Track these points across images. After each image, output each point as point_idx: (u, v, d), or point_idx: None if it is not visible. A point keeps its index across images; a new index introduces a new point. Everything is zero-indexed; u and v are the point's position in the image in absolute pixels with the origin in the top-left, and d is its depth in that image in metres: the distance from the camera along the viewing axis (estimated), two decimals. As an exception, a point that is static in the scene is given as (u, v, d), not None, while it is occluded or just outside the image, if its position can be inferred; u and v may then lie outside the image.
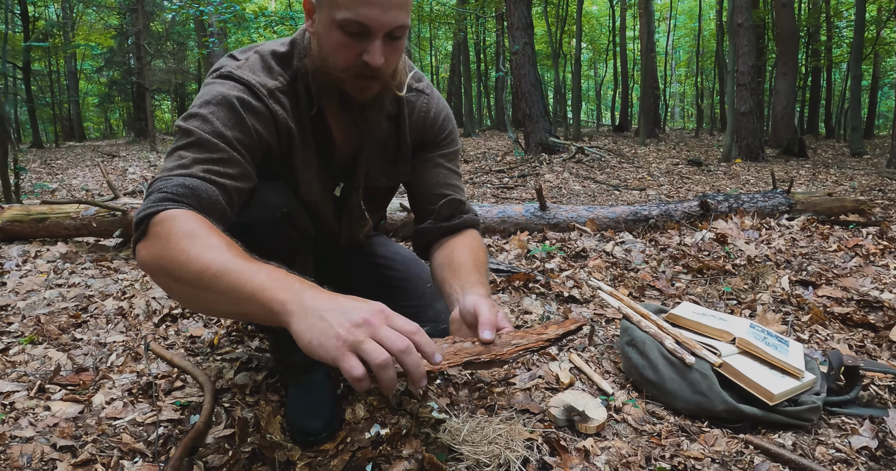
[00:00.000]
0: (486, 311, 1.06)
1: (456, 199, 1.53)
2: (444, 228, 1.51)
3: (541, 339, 1.04)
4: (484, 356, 0.99)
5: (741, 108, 10.78)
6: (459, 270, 1.33)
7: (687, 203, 3.84)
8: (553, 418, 1.56)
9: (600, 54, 29.74)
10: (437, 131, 1.56)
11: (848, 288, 2.85)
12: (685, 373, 1.65)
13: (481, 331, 1.03)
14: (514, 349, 1.02)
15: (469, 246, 1.45)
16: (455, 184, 1.55)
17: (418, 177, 1.56)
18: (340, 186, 1.53)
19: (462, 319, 1.14)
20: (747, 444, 1.53)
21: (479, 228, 1.59)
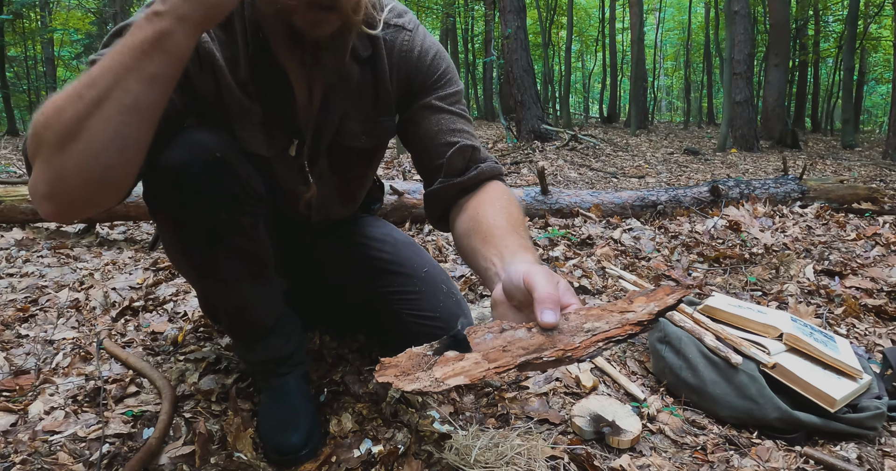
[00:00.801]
0: (543, 282, 0.75)
1: (467, 145, 1.19)
2: (460, 185, 1.19)
3: (628, 321, 0.73)
4: (548, 352, 0.69)
5: (737, 97, 10.61)
6: (492, 235, 1.02)
7: (696, 189, 3.61)
8: (578, 429, 1.31)
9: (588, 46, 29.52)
10: (428, 72, 1.22)
11: (876, 279, 2.64)
12: (730, 375, 1.41)
13: (540, 311, 0.72)
14: (590, 339, 0.70)
15: (497, 201, 1.14)
16: (463, 129, 1.23)
17: (417, 130, 1.25)
18: (295, 144, 1.23)
19: (507, 300, 0.83)
20: (806, 458, 1.29)
21: (503, 179, 1.27)
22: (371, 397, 1.46)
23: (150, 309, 2.13)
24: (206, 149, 1.04)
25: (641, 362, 1.69)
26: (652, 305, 0.79)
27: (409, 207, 2.82)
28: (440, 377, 0.65)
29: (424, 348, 0.72)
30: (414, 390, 0.64)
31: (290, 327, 1.40)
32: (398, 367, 0.68)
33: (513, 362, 0.68)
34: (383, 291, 1.47)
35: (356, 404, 1.43)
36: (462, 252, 1.13)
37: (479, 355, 0.70)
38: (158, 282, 2.40)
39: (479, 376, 0.66)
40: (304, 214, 1.41)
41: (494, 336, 0.74)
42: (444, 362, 0.68)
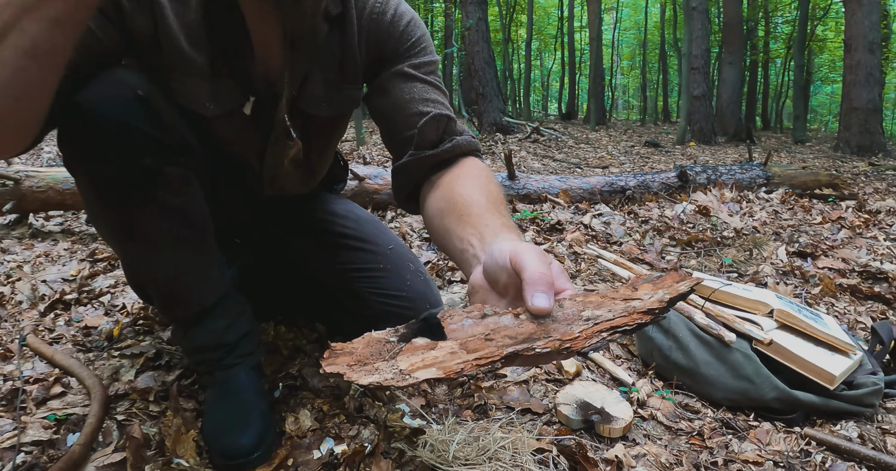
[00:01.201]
0: (534, 261, 0.63)
1: (442, 114, 1.08)
2: (433, 158, 1.06)
3: (635, 310, 0.60)
4: (542, 343, 0.55)
5: (695, 91, 10.77)
6: (469, 213, 0.89)
7: (664, 174, 3.56)
8: (565, 418, 1.18)
9: (547, 44, 29.75)
10: (400, 39, 1.12)
11: (847, 259, 2.62)
12: (724, 355, 1.31)
13: (530, 294, 0.60)
14: (591, 329, 0.57)
15: (474, 178, 1.01)
16: (438, 99, 1.10)
17: (386, 98, 1.12)
18: (251, 101, 1.07)
19: (489, 284, 0.70)
20: (808, 439, 1.20)
21: (480, 156, 1.14)
22: (332, 392, 1.30)
23: (84, 302, 1.92)
24: (126, 86, 0.90)
25: (625, 346, 1.58)
26: (661, 293, 0.66)
27: (371, 192, 2.67)
28: (406, 369, 0.51)
29: (387, 333, 0.57)
30: (371, 383, 0.49)
31: (236, 310, 1.22)
32: (353, 355, 0.53)
33: (498, 352, 0.54)
34: (345, 269, 1.32)
35: (315, 399, 1.28)
36: (434, 234, 0.98)
37: (456, 343, 0.55)
38: (96, 274, 2.18)
39: (456, 369, 0.51)
40: (255, 186, 1.25)
41: (474, 322, 0.60)
42: (411, 351, 0.54)
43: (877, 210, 3.65)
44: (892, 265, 2.57)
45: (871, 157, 8.51)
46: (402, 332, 0.58)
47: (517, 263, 0.64)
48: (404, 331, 0.58)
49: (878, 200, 3.99)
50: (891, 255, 2.79)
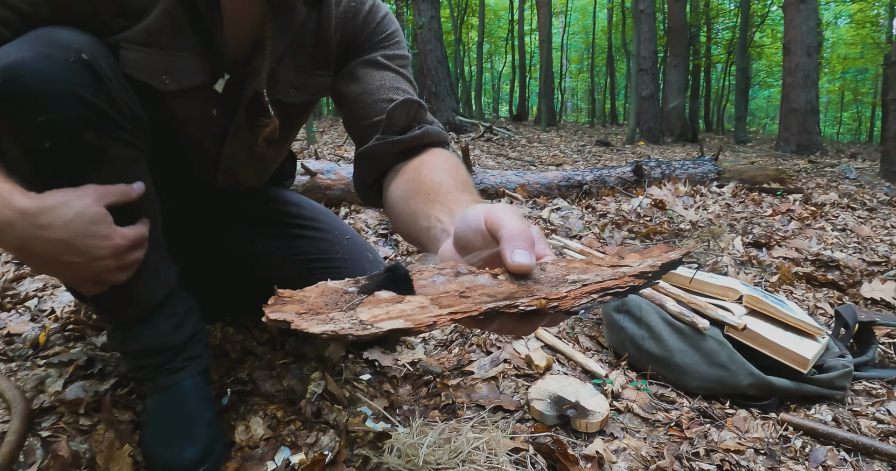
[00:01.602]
0: (513, 219, 0.56)
1: (412, 100, 1.02)
2: (401, 144, 0.97)
3: (625, 274, 0.55)
4: (525, 301, 0.49)
5: (643, 92, 11.02)
6: (437, 192, 0.82)
7: (620, 169, 3.57)
8: (539, 415, 1.11)
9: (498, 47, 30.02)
10: (376, 30, 1.07)
11: (800, 249, 2.67)
12: (698, 342, 1.27)
13: (510, 251, 0.53)
14: (580, 290, 0.52)
15: (443, 163, 0.93)
16: (408, 91, 1.04)
17: (355, 84, 1.04)
18: (225, 79, 0.97)
19: (461, 252, 0.63)
20: (785, 425, 1.17)
21: (449, 148, 1.06)
22: (286, 396, 1.20)
23: (7, 307, 1.73)
24: (67, 48, 0.78)
25: (593, 337, 1.53)
26: (651, 260, 0.60)
27: (323, 188, 2.55)
28: (367, 320, 0.43)
29: (345, 283, 0.49)
30: (325, 333, 0.41)
31: (184, 309, 1.11)
32: (304, 303, 0.45)
33: (475, 308, 0.47)
34: (302, 259, 1.23)
35: (268, 405, 1.17)
36: (398, 219, 0.90)
37: (427, 298, 0.48)
38: (21, 277, 1.99)
39: (427, 321, 0.44)
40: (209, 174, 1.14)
41: (447, 280, 0.52)
42: (373, 303, 0.46)
43: (822, 203, 3.77)
44: (842, 254, 2.64)
45: (810, 155, 8.88)
46: (364, 283, 0.50)
47: (493, 222, 0.57)
48: (366, 283, 0.50)
49: (821, 194, 4.13)
50: (839, 244, 2.86)
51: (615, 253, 0.64)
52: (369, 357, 1.35)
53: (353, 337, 0.41)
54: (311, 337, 0.41)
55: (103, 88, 0.82)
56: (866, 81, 27.15)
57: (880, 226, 3.29)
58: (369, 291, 0.48)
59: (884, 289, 2.16)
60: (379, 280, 0.50)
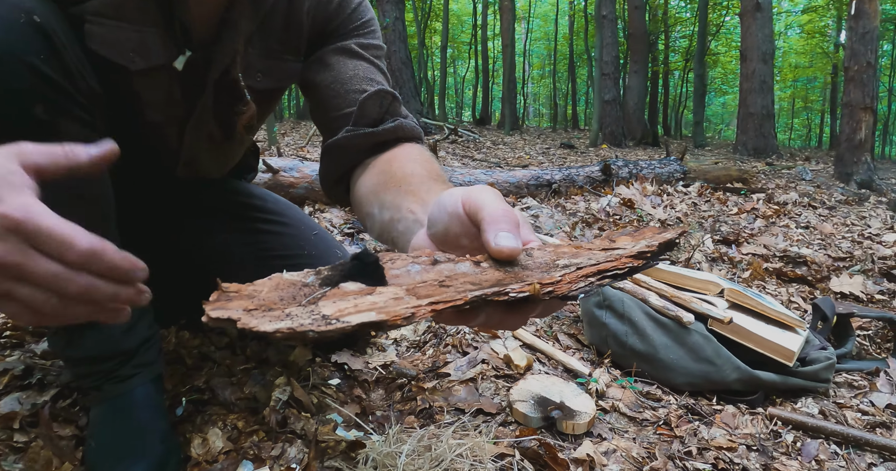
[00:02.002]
0: (494, 200, 0.49)
1: (386, 91, 0.94)
2: (373, 137, 0.89)
3: (620, 255, 0.48)
4: (515, 286, 0.42)
5: (605, 96, 11.17)
6: (409, 183, 0.75)
7: (588, 168, 3.56)
8: (522, 417, 1.05)
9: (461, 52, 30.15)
10: (350, 17, 0.99)
11: (767, 246, 2.69)
12: (683, 337, 1.22)
13: (492, 234, 0.46)
14: (575, 273, 0.45)
15: (416, 156, 0.86)
16: (382, 82, 0.96)
17: (326, 73, 0.96)
18: (186, 56, 0.87)
19: (437, 242, 0.55)
20: (774, 419, 1.14)
21: (423, 144, 0.97)
22: (248, 404, 1.10)
23: (-67, 318, 1.58)
24: (15, 6, 0.68)
25: (572, 335, 1.48)
26: (645, 242, 0.54)
27: (286, 186, 2.44)
28: (332, 314, 0.35)
29: (303, 275, 0.41)
30: (279, 331, 0.32)
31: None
32: (254, 298, 0.37)
33: (459, 297, 0.40)
34: (265, 255, 1.14)
35: (228, 415, 1.07)
36: (366, 215, 0.81)
37: (402, 289, 0.41)
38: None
39: (404, 313, 0.36)
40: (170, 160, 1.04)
41: (424, 269, 0.46)
42: (338, 296, 0.38)
43: (784, 202, 3.84)
44: (808, 250, 2.66)
45: (766, 158, 9.13)
46: (327, 274, 0.42)
47: (472, 205, 0.49)
48: (329, 273, 0.42)
49: (783, 194, 4.21)
50: (805, 241, 2.90)
51: (605, 236, 0.57)
52: (338, 360, 1.26)
53: (314, 334, 0.33)
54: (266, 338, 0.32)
55: (57, 56, 0.72)
56: (816, 89, 28.28)
57: (841, 223, 3.36)
58: (333, 282, 0.40)
59: (852, 283, 2.18)
60: (344, 270, 0.42)
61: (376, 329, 0.35)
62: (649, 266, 0.51)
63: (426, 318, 0.38)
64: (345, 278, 0.41)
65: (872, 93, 5.98)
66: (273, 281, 0.39)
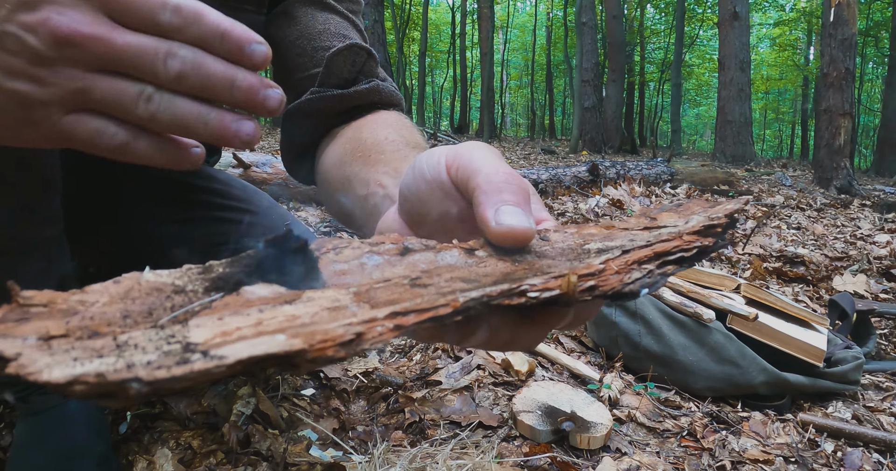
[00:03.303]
0: (492, 164, 0.34)
1: (360, 46, 0.77)
2: (341, 100, 0.73)
3: (679, 232, 0.34)
4: (535, 280, 0.27)
5: (586, 103, 11.18)
6: (381, 150, 0.60)
7: (576, 168, 3.46)
8: (529, 431, 0.90)
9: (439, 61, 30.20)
10: None
11: (763, 246, 2.59)
12: (703, 336, 1.09)
13: (491, 209, 0.32)
14: (622, 259, 0.31)
15: (393, 123, 0.70)
16: (356, 39, 0.80)
17: (291, 26, 0.80)
18: None
19: (411, 220, 0.41)
20: (807, 427, 1.01)
21: (403, 111, 0.82)
22: (205, 419, 0.93)
23: None
24: None
25: (575, 337, 1.34)
26: (700, 216, 0.39)
27: (258, 183, 2.28)
28: (201, 343, 0.19)
29: (179, 275, 0.25)
30: (80, 379, 0.17)
31: None
32: (76, 315, 0.21)
33: (445, 301, 0.25)
34: (227, 249, 0.97)
35: (181, 432, 0.90)
36: (330, 192, 0.66)
37: (347, 291, 0.25)
38: None
39: (343, 334, 0.20)
40: None
41: (387, 261, 0.30)
42: (231, 308, 0.22)
43: (772, 204, 3.78)
44: (805, 250, 2.58)
45: (745, 165, 9.18)
46: (222, 271, 0.26)
47: (462, 168, 0.35)
48: (225, 271, 0.26)
49: (768, 197, 4.16)
50: (799, 241, 2.82)
51: (640, 214, 0.42)
52: (313, 367, 1.11)
53: (139, 388, 0.17)
54: (62, 392, 0.16)
55: None
56: (787, 101, 28.92)
57: (831, 225, 3.30)
58: (230, 285, 0.25)
59: (855, 282, 2.09)
60: (252, 264, 0.27)
61: (287, 367, 0.19)
62: (721, 246, 0.37)
63: (387, 341, 0.22)
64: (252, 278, 0.26)
65: (851, 99, 6.02)
66: (122, 285, 0.24)
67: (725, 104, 9.78)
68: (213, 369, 0.17)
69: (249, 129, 0.35)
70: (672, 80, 13.58)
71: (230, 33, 0.32)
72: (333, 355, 0.20)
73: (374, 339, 0.21)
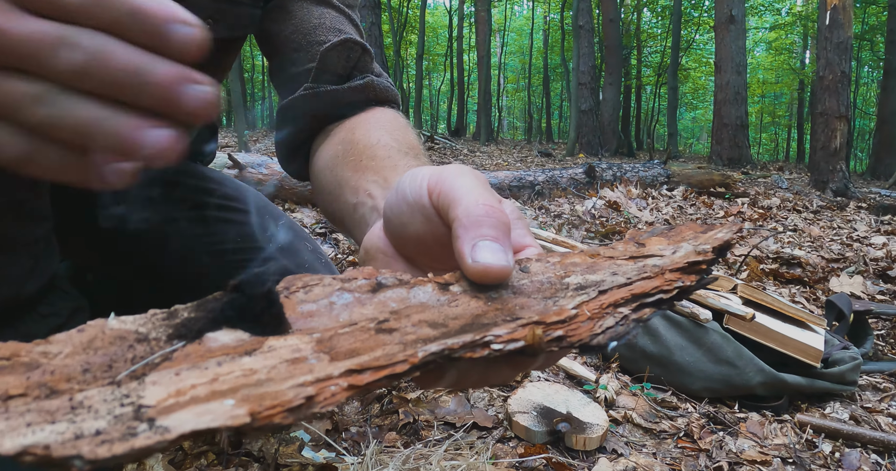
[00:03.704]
0: (473, 191, 0.33)
1: (355, 41, 0.77)
2: (335, 96, 0.73)
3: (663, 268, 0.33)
4: (500, 330, 0.26)
5: (582, 106, 11.21)
6: (373, 156, 0.59)
7: (572, 170, 3.47)
8: (524, 431, 0.89)
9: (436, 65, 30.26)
10: None
11: (760, 248, 2.59)
12: (700, 336, 1.08)
13: (467, 244, 0.31)
14: (597, 301, 0.30)
15: (387, 123, 0.70)
16: (352, 34, 0.79)
17: (286, 20, 0.80)
18: None
19: (394, 241, 0.40)
20: (805, 427, 1.00)
21: (399, 108, 0.81)
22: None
23: None
24: None
25: (571, 339, 1.33)
26: (687, 246, 0.37)
27: (253, 184, 2.28)
28: (156, 404, 0.19)
29: (144, 321, 0.24)
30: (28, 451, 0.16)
31: (68, 309, 0.82)
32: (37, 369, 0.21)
33: (404, 356, 0.24)
34: (218, 250, 0.97)
35: (174, 432, 0.89)
36: (322, 195, 0.66)
37: (309, 339, 0.25)
38: None
39: (292, 400, 0.19)
40: None
41: (357, 299, 0.30)
42: (193, 360, 0.22)
43: (768, 206, 3.78)
44: (801, 252, 2.58)
45: (741, 168, 9.20)
46: (186, 316, 0.25)
47: (442, 194, 0.34)
48: (191, 315, 0.25)
49: (765, 199, 4.16)
50: (795, 243, 2.82)
51: (629, 239, 0.40)
52: (307, 368, 1.10)
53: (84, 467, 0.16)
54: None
55: None
56: (783, 105, 29.02)
57: (827, 227, 3.31)
58: (193, 332, 0.24)
59: (852, 283, 2.09)
60: (215, 309, 0.26)
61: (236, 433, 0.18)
62: (705, 284, 0.35)
63: (339, 402, 0.21)
64: (216, 324, 0.25)
65: (847, 102, 6.04)
66: (87, 334, 0.23)
67: (721, 107, 9.80)
68: (155, 445, 0.17)
69: (159, 140, 0.27)
70: (668, 84, 13.64)
71: (143, 11, 0.26)
72: (280, 422, 0.19)
73: (326, 401, 0.20)
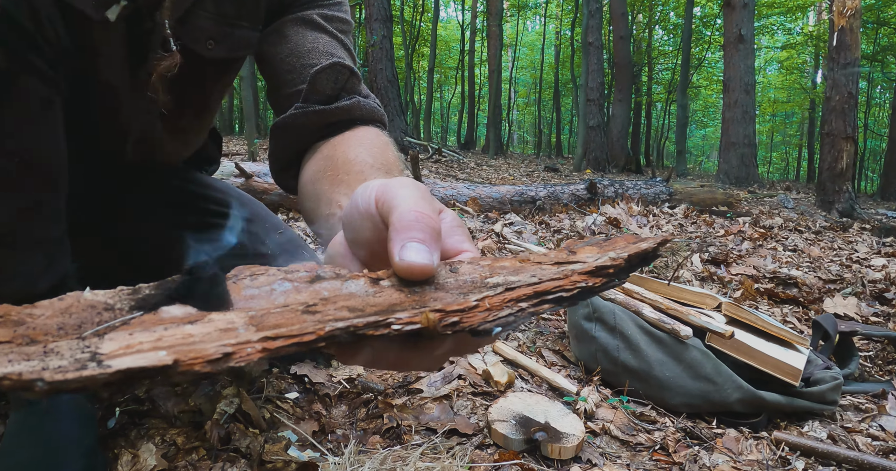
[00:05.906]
0: (410, 198, 0.39)
1: (343, 65, 0.82)
2: (323, 116, 0.78)
3: (573, 271, 0.37)
4: (401, 314, 0.31)
5: (590, 122, 11.27)
6: (348, 171, 0.64)
7: (574, 186, 3.49)
8: (502, 439, 0.92)
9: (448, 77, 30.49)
10: None
11: (757, 267, 2.61)
12: (680, 352, 1.11)
13: (397, 245, 0.36)
14: (500, 297, 0.34)
15: (369, 141, 0.74)
16: (343, 58, 0.85)
17: (282, 45, 0.87)
18: (120, 4, 0.76)
19: (351, 246, 0.45)
20: (780, 444, 1.03)
21: (384, 129, 0.86)
22: (191, 418, 0.96)
23: None
24: None
25: (558, 351, 1.36)
26: (611, 254, 0.41)
27: (259, 192, 2.32)
28: (108, 353, 0.24)
29: (112, 295, 0.31)
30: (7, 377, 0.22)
31: None
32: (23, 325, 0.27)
33: (313, 329, 0.29)
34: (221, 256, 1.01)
35: (168, 429, 0.93)
36: (304, 207, 0.72)
37: (244, 315, 0.30)
38: None
39: (212, 353, 0.25)
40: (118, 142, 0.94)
41: (296, 287, 0.35)
42: (147, 325, 0.28)
43: (770, 226, 3.80)
44: (798, 272, 2.59)
45: (748, 187, 9.20)
46: (147, 293, 0.31)
47: (385, 203, 0.39)
48: (150, 293, 0.31)
49: (767, 219, 4.18)
50: (793, 263, 2.84)
51: (564, 247, 0.44)
52: (298, 372, 1.13)
53: (42, 386, 0.22)
54: None
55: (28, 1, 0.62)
56: (793, 124, 28.96)
57: (828, 247, 3.32)
58: (150, 305, 0.30)
59: (846, 304, 2.11)
60: (171, 288, 0.32)
61: (163, 379, 0.23)
62: (612, 285, 0.39)
63: (252, 360, 0.26)
64: (171, 300, 0.30)
65: (853, 122, 6.05)
66: (65, 302, 0.29)
67: (729, 126, 9.83)
68: (98, 375, 0.22)
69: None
70: (678, 101, 13.67)
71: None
72: (200, 370, 0.24)
73: (241, 358, 0.26)
